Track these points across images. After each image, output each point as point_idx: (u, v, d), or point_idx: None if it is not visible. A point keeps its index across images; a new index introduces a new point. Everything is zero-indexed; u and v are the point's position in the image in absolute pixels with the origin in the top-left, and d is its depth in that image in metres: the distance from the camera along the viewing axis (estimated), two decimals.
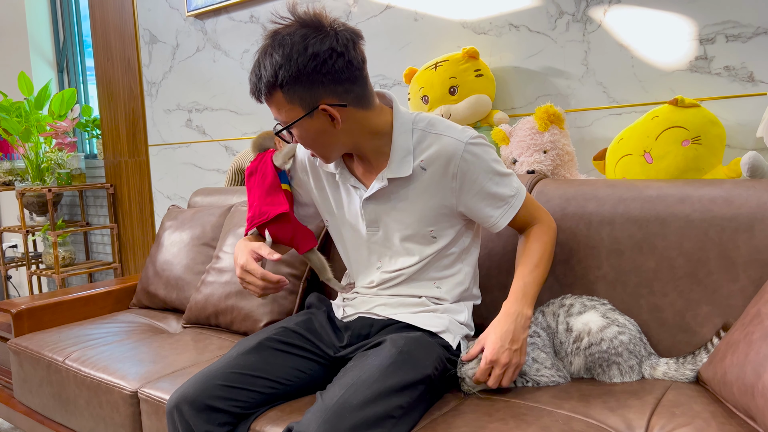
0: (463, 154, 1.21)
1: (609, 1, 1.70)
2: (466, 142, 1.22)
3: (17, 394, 1.92)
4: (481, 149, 1.23)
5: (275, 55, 1.13)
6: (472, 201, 1.25)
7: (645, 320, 1.32)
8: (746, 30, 1.52)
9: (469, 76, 1.81)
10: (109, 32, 3.23)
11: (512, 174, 1.28)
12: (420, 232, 1.28)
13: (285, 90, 1.14)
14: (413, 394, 1.12)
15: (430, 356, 1.19)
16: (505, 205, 1.26)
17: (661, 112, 1.50)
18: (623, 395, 1.16)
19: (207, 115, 2.85)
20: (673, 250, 1.30)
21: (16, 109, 3.22)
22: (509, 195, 1.26)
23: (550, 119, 1.64)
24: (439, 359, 1.21)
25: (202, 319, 1.86)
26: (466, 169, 1.22)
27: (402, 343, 1.18)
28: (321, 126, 1.19)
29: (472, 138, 1.23)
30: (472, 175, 1.23)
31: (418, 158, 1.24)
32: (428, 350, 1.20)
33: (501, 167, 1.26)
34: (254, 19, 2.56)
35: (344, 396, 1.06)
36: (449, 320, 1.30)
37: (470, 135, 1.23)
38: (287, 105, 1.17)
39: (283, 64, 1.12)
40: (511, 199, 1.27)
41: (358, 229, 1.35)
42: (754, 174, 1.37)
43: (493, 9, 1.91)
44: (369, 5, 2.21)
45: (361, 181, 1.31)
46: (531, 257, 1.28)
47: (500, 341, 1.17)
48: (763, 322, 1.05)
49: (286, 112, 1.18)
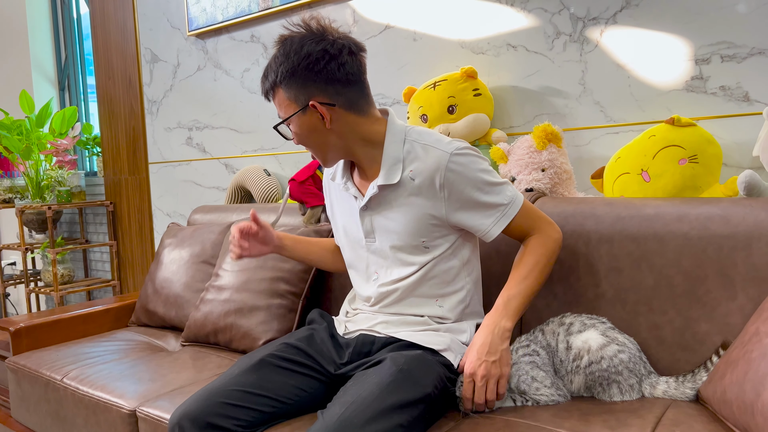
0: (448, 165, 1.23)
1: (605, 22, 1.73)
2: (451, 152, 1.24)
3: (14, 412, 1.91)
4: (467, 159, 1.25)
5: (279, 55, 1.26)
6: (462, 211, 1.27)
7: (644, 338, 1.32)
8: (741, 50, 1.54)
9: (467, 95, 1.82)
10: (110, 51, 3.26)
11: (506, 183, 1.29)
12: (411, 243, 1.30)
13: (283, 86, 1.25)
14: (413, 413, 1.12)
15: (430, 375, 1.19)
16: (497, 213, 1.27)
17: (658, 131, 1.51)
18: (623, 414, 1.15)
19: (207, 133, 2.87)
20: (671, 268, 1.30)
21: (17, 127, 3.24)
22: (501, 203, 1.27)
23: (548, 138, 1.65)
24: (439, 378, 1.21)
25: (201, 337, 1.86)
26: (453, 179, 1.24)
27: (402, 361, 1.18)
28: (312, 124, 1.27)
29: (458, 149, 1.25)
30: (459, 186, 1.25)
31: (407, 168, 1.28)
32: (429, 369, 1.20)
33: (491, 177, 1.27)
34: (255, 38, 2.59)
35: (344, 414, 1.06)
36: (451, 339, 1.30)
37: (457, 146, 1.25)
38: (286, 101, 1.26)
39: (283, 61, 1.25)
40: (504, 208, 1.27)
41: (358, 238, 1.39)
42: (751, 192, 1.38)
43: (491, 29, 1.94)
44: (369, 25, 2.24)
45: (359, 191, 1.36)
46: (521, 270, 1.28)
47: (476, 354, 1.19)
48: (762, 340, 1.05)
49: (285, 108, 1.27)
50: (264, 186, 2.46)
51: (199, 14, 2.73)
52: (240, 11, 2.56)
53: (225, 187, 2.84)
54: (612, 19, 1.71)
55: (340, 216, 1.44)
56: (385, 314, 1.35)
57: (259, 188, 2.46)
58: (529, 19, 1.86)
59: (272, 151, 2.62)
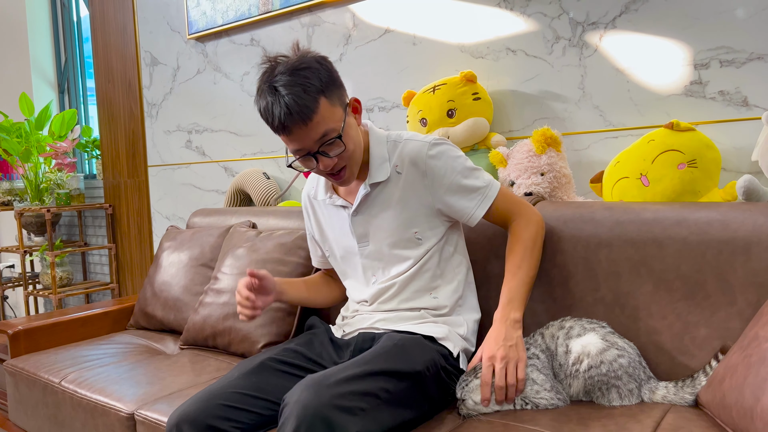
0: (429, 152, 1.32)
1: (605, 27, 1.73)
2: (429, 142, 1.33)
3: (12, 416, 1.90)
4: (445, 147, 1.34)
5: (303, 73, 1.21)
6: (446, 195, 1.33)
7: (643, 343, 1.32)
8: (740, 55, 1.54)
9: (467, 100, 1.83)
10: (110, 54, 3.26)
11: (481, 169, 1.36)
12: (405, 236, 1.35)
13: (327, 94, 1.23)
14: (400, 384, 1.15)
15: (423, 355, 1.23)
16: (479, 196, 1.34)
17: (657, 136, 1.52)
18: (622, 418, 1.15)
19: (207, 137, 2.87)
20: (670, 273, 1.30)
21: (17, 130, 3.24)
22: (481, 186, 1.34)
23: (548, 142, 1.66)
24: (432, 362, 1.23)
25: (199, 340, 1.85)
26: (434, 165, 1.32)
27: (398, 338, 1.25)
28: (353, 123, 1.32)
29: (435, 139, 1.34)
30: (441, 171, 1.32)
31: (392, 164, 1.35)
32: (423, 350, 1.24)
33: (467, 162, 1.34)
34: (254, 42, 2.59)
35: (331, 371, 1.11)
36: (449, 330, 1.34)
37: (433, 137, 1.35)
38: (331, 109, 1.24)
39: (317, 70, 1.23)
40: (484, 190, 1.34)
41: (350, 247, 1.42)
42: (750, 197, 1.38)
43: (491, 33, 1.94)
44: (368, 29, 2.24)
45: (346, 200, 1.41)
46: (514, 259, 1.33)
47: (494, 341, 1.23)
48: (761, 345, 1.05)
49: (331, 117, 1.24)
50: (263, 189, 2.46)
51: (199, 17, 2.73)
52: (240, 15, 2.56)
53: (224, 190, 2.84)
54: (611, 23, 1.72)
55: (329, 231, 1.48)
56: (383, 312, 1.38)
57: (258, 191, 2.46)
58: (528, 23, 1.86)
59: (271, 155, 2.62)
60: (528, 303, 1.48)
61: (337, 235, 1.45)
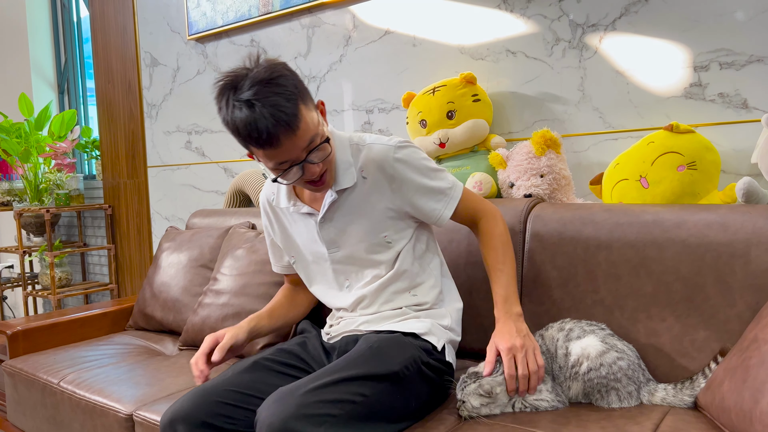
0: (395, 155, 1.30)
1: (605, 29, 1.73)
2: (394, 145, 1.31)
3: (10, 416, 1.90)
4: (409, 150, 1.32)
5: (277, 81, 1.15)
6: (414, 197, 1.33)
7: (643, 345, 1.32)
8: (740, 58, 1.54)
9: (466, 101, 1.83)
10: (110, 55, 3.26)
11: (444, 170, 1.37)
12: (375, 240, 1.34)
13: (303, 100, 1.20)
14: (378, 387, 1.14)
15: (401, 354, 1.21)
16: (446, 197, 1.34)
17: (656, 138, 1.52)
18: (621, 420, 1.15)
19: (206, 137, 2.87)
20: (670, 275, 1.30)
21: (16, 130, 3.23)
22: (447, 187, 1.35)
23: (547, 144, 1.66)
24: (412, 359, 1.22)
25: (198, 341, 1.85)
26: (401, 168, 1.31)
27: (374, 340, 1.24)
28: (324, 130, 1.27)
29: (400, 142, 1.32)
30: (407, 174, 1.31)
31: (358, 168, 1.33)
32: (401, 349, 1.23)
33: (432, 164, 1.35)
34: (254, 43, 2.59)
35: (302, 381, 1.11)
36: (432, 323, 1.34)
37: (397, 140, 1.33)
38: (310, 114, 1.21)
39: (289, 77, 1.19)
40: (450, 191, 1.35)
41: (320, 254, 1.40)
42: (749, 199, 1.38)
43: (491, 35, 1.94)
44: (368, 30, 2.24)
45: (312, 207, 1.38)
46: (494, 257, 1.35)
47: (507, 335, 1.24)
48: (761, 347, 1.05)
49: (312, 122, 1.20)
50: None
51: (199, 18, 2.73)
52: (240, 16, 2.56)
53: (224, 191, 2.83)
54: (611, 25, 1.72)
55: (297, 237, 1.44)
56: (365, 315, 1.38)
57: (257, 192, 2.46)
58: (528, 25, 1.86)
59: None
60: (527, 304, 1.48)
61: (305, 240, 1.42)
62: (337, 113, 2.36)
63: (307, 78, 2.44)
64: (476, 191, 1.74)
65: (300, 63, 2.45)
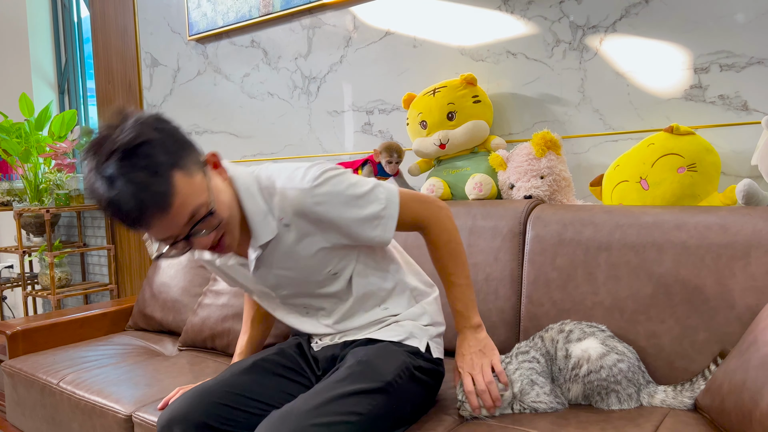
0: (312, 200, 1.13)
1: (605, 30, 1.73)
2: (309, 188, 1.13)
3: (10, 416, 1.90)
4: (328, 186, 1.14)
5: (143, 151, 0.97)
6: (348, 231, 1.18)
7: (642, 347, 1.32)
8: (740, 60, 1.54)
9: (467, 102, 1.83)
10: (110, 55, 3.26)
11: (374, 187, 1.19)
12: (320, 277, 1.24)
13: (181, 165, 1.00)
14: (372, 402, 1.11)
15: (391, 364, 1.19)
16: (382, 220, 1.19)
17: (656, 140, 1.52)
18: (621, 422, 1.15)
19: (207, 138, 2.87)
20: (669, 277, 1.30)
21: (17, 130, 3.23)
22: (380, 209, 1.19)
23: (547, 145, 1.66)
24: (403, 367, 1.20)
25: (198, 341, 1.85)
26: (323, 211, 1.14)
27: (362, 354, 1.20)
28: (219, 185, 1.10)
29: (313, 181, 1.13)
30: (333, 213, 1.15)
31: (276, 217, 1.16)
32: (390, 358, 1.20)
33: (359, 189, 1.17)
34: (255, 44, 2.60)
35: (293, 404, 1.08)
36: (412, 326, 1.30)
37: (312, 177, 1.14)
38: (190, 182, 1.01)
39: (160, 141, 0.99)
40: (385, 211, 1.19)
41: (266, 293, 1.31)
42: (749, 201, 1.38)
43: (491, 36, 1.94)
44: (369, 31, 2.24)
45: (240, 257, 1.25)
46: (444, 270, 1.28)
47: (465, 352, 1.25)
48: (760, 349, 1.05)
49: (193, 191, 1.02)
50: None
51: (199, 19, 2.73)
52: (240, 16, 2.56)
53: None
54: (611, 27, 1.72)
55: (238, 277, 1.32)
56: (342, 332, 1.33)
57: None
58: (528, 26, 1.87)
59: (271, 156, 2.62)
60: (527, 306, 1.48)
61: (247, 281, 1.31)
62: (338, 114, 2.36)
63: (307, 79, 2.44)
64: (476, 192, 1.74)
65: (300, 64, 2.45)
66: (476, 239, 1.60)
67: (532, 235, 1.51)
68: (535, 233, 1.51)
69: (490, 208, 1.63)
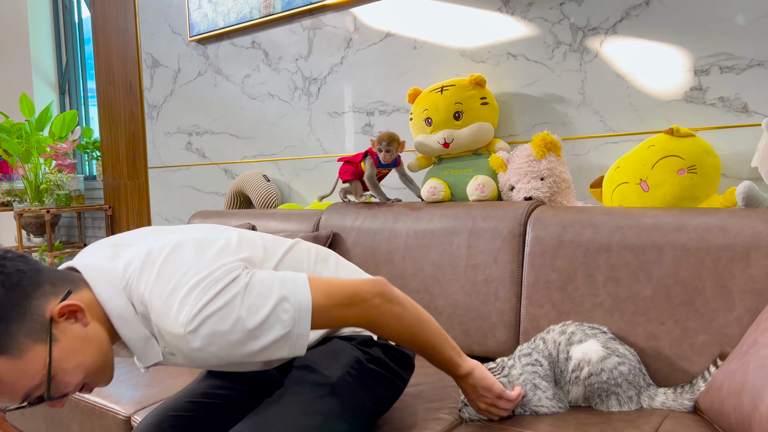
0: (191, 345, 0.90)
1: (605, 32, 1.74)
2: (184, 334, 0.89)
3: (9, 417, 1.90)
4: (208, 328, 0.89)
5: None
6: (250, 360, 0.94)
7: (642, 348, 1.32)
8: (740, 62, 1.55)
9: (475, 103, 1.82)
10: (111, 56, 3.27)
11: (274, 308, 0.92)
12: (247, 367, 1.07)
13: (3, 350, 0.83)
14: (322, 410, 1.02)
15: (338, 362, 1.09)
16: (287, 341, 0.94)
17: (656, 141, 1.52)
18: (621, 424, 1.15)
19: (207, 139, 2.87)
20: (669, 279, 1.30)
21: (17, 131, 3.24)
22: (283, 333, 0.93)
23: (547, 147, 1.66)
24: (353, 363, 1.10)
25: None
26: (209, 355, 0.91)
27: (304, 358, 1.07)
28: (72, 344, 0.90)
29: (188, 324, 0.89)
30: (223, 354, 0.91)
31: (161, 345, 0.96)
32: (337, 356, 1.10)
33: (252, 320, 0.91)
34: (256, 45, 2.60)
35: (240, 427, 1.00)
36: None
37: (184, 321, 0.89)
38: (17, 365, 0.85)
39: None
40: (290, 334, 0.93)
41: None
42: (749, 203, 1.38)
43: (492, 38, 1.95)
44: (370, 33, 2.24)
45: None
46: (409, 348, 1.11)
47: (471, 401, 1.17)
48: (760, 351, 1.05)
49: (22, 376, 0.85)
50: (263, 191, 2.46)
51: (200, 20, 2.74)
52: (241, 17, 2.57)
53: (224, 193, 2.84)
54: (612, 29, 1.72)
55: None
56: None
57: (258, 194, 2.47)
58: (529, 28, 1.87)
59: (272, 157, 2.62)
60: (527, 307, 1.49)
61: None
62: (338, 115, 2.36)
63: (308, 80, 2.44)
64: (478, 194, 1.74)
65: (301, 65, 2.45)
66: (476, 240, 1.60)
67: (532, 237, 1.52)
68: (535, 235, 1.51)
69: (490, 209, 1.63)
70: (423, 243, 1.69)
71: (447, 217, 1.68)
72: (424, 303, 1.67)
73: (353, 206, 1.93)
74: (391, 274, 1.74)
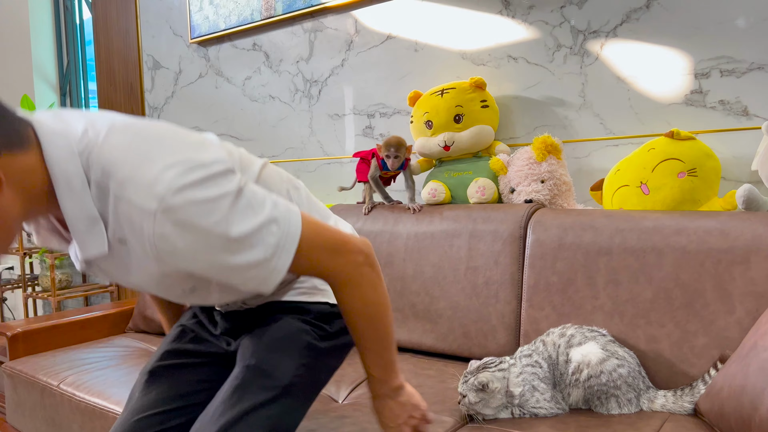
0: (156, 231, 0.76)
1: (606, 35, 1.74)
2: (155, 210, 0.75)
3: (9, 418, 1.90)
4: (185, 214, 0.75)
5: None
6: (212, 276, 0.84)
7: (642, 351, 1.32)
8: (740, 65, 1.55)
9: (475, 106, 1.83)
10: (112, 57, 3.27)
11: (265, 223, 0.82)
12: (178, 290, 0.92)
13: None
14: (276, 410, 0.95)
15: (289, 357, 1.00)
16: (260, 270, 0.83)
17: (657, 144, 1.52)
18: (621, 426, 1.15)
19: None
20: (669, 281, 1.31)
21: None
22: (262, 257, 0.82)
23: (548, 149, 1.66)
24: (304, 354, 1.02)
25: None
26: (173, 249, 0.77)
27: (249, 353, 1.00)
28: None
29: (164, 198, 0.75)
30: (189, 255, 0.78)
31: (110, 231, 0.81)
32: (287, 348, 1.01)
33: (237, 226, 0.79)
34: (257, 47, 2.60)
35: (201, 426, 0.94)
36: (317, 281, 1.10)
37: (166, 189, 0.75)
38: None
39: None
40: (269, 262, 0.83)
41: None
42: (749, 206, 1.38)
43: (492, 41, 1.95)
44: (370, 35, 2.25)
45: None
46: (355, 334, 0.99)
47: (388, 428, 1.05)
48: (760, 354, 1.05)
49: None
50: None
51: (201, 22, 2.74)
52: (242, 19, 2.57)
53: None
54: (612, 32, 1.73)
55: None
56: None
57: None
58: (530, 31, 1.87)
59: (272, 159, 2.62)
60: (528, 310, 1.49)
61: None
62: (339, 117, 2.37)
63: (309, 82, 2.44)
64: (479, 196, 1.74)
65: (302, 67, 2.46)
66: (477, 243, 1.60)
67: (532, 239, 1.52)
68: (535, 237, 1.51)
69: (490, 212, 1.64)
70: (423, 245, 1.70)
71: (447, 220, 1.69)
72: (425, 305, 1.67)
73: (354, 208, 1.94)
74: (391, 276, 1.74)
